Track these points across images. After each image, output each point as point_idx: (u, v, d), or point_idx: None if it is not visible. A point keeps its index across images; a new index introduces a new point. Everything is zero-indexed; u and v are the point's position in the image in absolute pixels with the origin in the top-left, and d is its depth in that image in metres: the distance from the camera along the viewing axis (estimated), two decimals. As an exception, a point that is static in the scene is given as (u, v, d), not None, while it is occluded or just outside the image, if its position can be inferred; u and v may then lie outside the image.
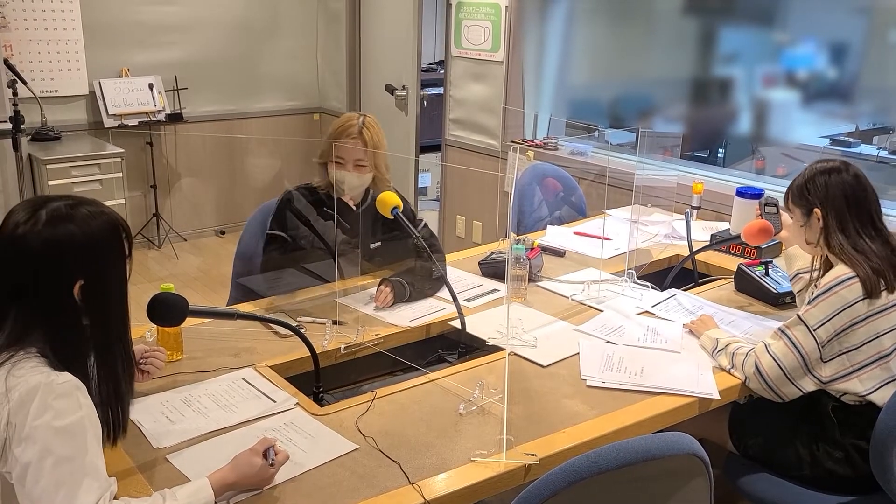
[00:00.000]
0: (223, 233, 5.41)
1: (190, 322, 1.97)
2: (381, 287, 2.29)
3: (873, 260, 1.86)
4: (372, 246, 2.48)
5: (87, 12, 4.60)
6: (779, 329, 1.92)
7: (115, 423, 1.36)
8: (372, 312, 2.23)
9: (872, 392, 1.88)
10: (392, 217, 2.27)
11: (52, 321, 1.30)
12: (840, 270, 1.88)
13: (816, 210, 1.93)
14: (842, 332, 1.86)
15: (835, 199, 1.91)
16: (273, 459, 1.45)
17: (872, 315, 1.86)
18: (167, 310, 1.65)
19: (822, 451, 1.93)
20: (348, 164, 2.31)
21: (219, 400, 1.73)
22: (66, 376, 1.27)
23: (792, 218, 2.03)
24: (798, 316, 1.89)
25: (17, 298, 1.30)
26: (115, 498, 1.28)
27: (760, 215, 2.55)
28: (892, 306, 1.89)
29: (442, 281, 2.32)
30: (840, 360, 1.88)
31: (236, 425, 1.63)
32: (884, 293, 1.86)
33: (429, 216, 4.94)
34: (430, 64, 5.71)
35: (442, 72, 4.74)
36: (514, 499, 1.30)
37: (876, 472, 1.80)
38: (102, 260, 1.33)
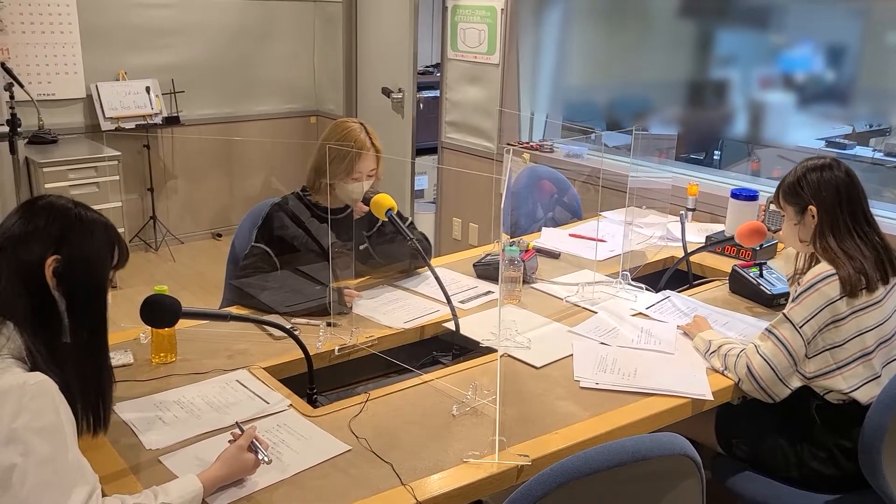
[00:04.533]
0: (220, 235, 5.42)
1: (184, 324, 1.98)
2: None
3: (857, 260, 1.86)
4: (361, 247, 2.49)
5: (84, 15, 4.61)
6: (766, 329, 1.93)
7: (94, 416, 1.37)
8: (366, 314, 2.23)
9: (855, 389, 1.89)
10: (386, 219, 2.28)
11: (24, 306, 1.29)
12: (822, 268, 1.89)
13: (811, 207, 1.94)
14: (825, 328, 1.87)
15: (828, 196, 1.92)
16: (265, 455, 1.46)
17: (855, 312, 1.87)
18: (160, 311, 1.65)
19: (807, 452, 1.94)
20: (363, 176, 2.36)
21: (212, 401, 1.73)
22: (39, 376, 1.26)
23: (783, 217, 2.03)
24: (784, 314, 1.90)
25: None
26: (104, 495, 1.28)
27: (765, 213, 2.55)
28: (875, 303, 1.90)
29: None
30: (823, 357, 1.89)
31: (229, 427, 1.63)
32: (864, 292, 1.86)
33: (425, 218, 4.95)
34: (427, 67, 5.72)
35: (438, 74, 4.75)
36: (506, 499, 1.30)
37: (865, 469, 1.80)
38: (84, 247, 1.33)
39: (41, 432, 1.22)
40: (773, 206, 2.49)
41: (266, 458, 1.47)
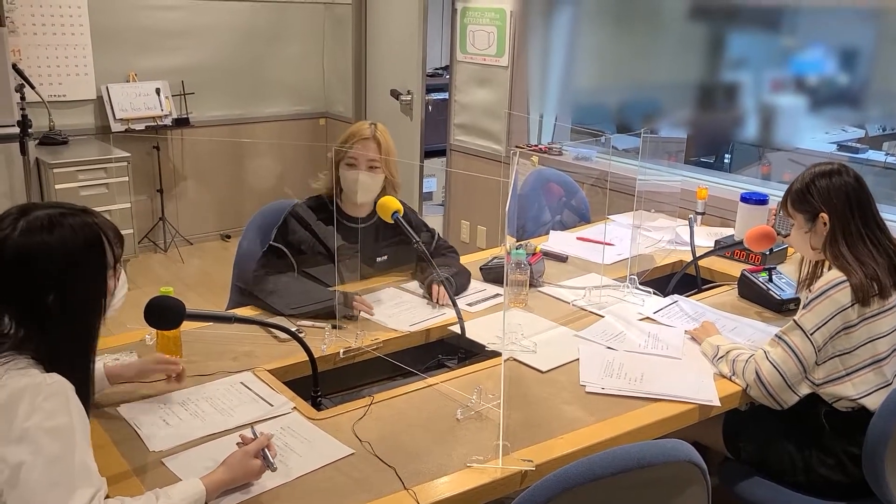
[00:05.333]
0: (228, 237, 5.43)
1: (190, 326, 1.98)
2: (435, 287, 2.31)
3: (869, 266, 1.84)
4: (378, 259, 2.48)
5: (94, 17, 4.63)
6: (776, 335, 1.91)
7: None
8: (374, 318, 2.22)
9: (865, 396, 1.87)
10: (392, 222, 2.28)
11: (32, 326, 1.31)
12: (833, 274, 1.87)
13: (822, 214, 1.91)
14: (836, 335, 1.85)
15: (838, 203, 1.90)
16: (273, 463, 1.46)
17: (867, 318, 1.85)
18: (163, 313, 1.65)
19: (815, 458, 1.92)
20: (361, 164, 2.33)
21: (216, 404, 1.73)
22: (55, 377, 1.27)
23: (793, 224, 2.01)
24: (794, 321, 1.88)
25: (2, 303, 1.32)
26: (107, 497, 1.28)
27: (776, 218, 2.53)
28: (888, 310, 1.88)
29: (468, 275, 2.48)
30: (833, 363, 1.87)
31: (233, 429, 1.63)
32: (875, 299, 1.84)
33: (433, 221, 4.94)
34: (436, 69, 5.72)
35: (447, 77, 4.74)
36: (509, 505, 1.29)
37: (868, 476, 1.79)
38: (75, 276, 1.33)
39: (52, 432, 1.23)
40: (783, 212, 2.47)
41: (273, 466, 1.46)
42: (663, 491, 1.39)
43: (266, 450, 1.47)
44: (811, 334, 1.84)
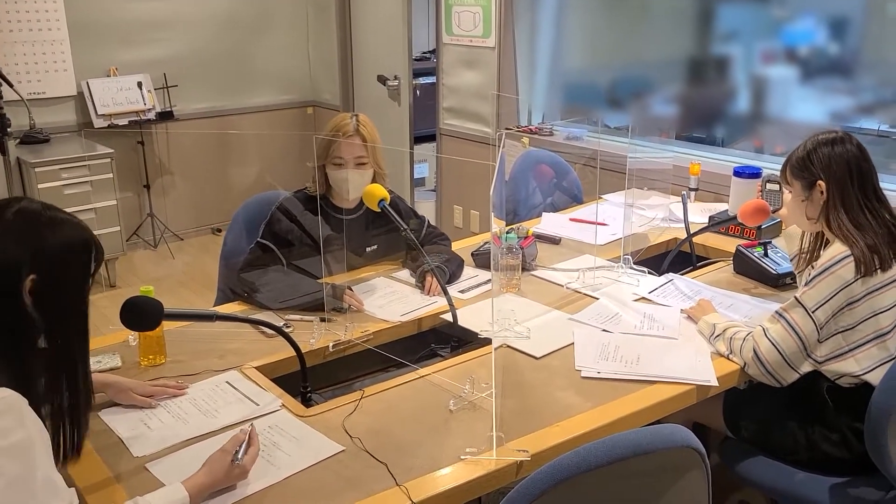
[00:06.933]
0: (219, 230, 5.37)
1: (174, 324, 1.93)
2: (427, 278, 2.27)
3: (869, 236, 1.80)
4: (368, 249, 2.43)
5: (71, 12, 4.54)
6: (776, 312, 1.86)
7: (64, 442, 1.30)
8: (364, 309, 2.17)
9: (868, 372, 1.82)
10: (379, 210, 2.22)
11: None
12: (836, 249, 1.82)
13: (820, 182, 1.87)
14: (839, 311, 1.80)
15: (838, 171, 1.85)
16: (240, 459, 1.40)
17: (870, 293, 1.81)
18: (139, 315, 1.59)
19: (818, 434, 1.88)
20: (349, 163, 2.28)
21: (200, 405, 1.68)
22: (5, 391, 1.19)
23: (791, 192, 1.96)
24: (795, 298, 1.84)
25: None
26: None
27: (761, 193, 2.49)
28: (890, 283, 1.83)
29: (460, 262, 2.41)
30: (835, 340, 1.83)
31: (218, 430, 1.58)
32: (878, 272, 1.80)
33: (426, 207, 4.89)
34: (423, 53, 5.63)
35: (434, 60, 4.67)
36: (503, 499, 1.25)
37: (871, 451, 1.75)
38: (61, 261, 1.27)
39: (8, 451, 1.15)
40: (769, 185, 2.43)
41: (238, 459, 1.40)
42: (662, 477, 1.35)
43: (242, 444, 1.42)
44: (813, 312, 1.80)
